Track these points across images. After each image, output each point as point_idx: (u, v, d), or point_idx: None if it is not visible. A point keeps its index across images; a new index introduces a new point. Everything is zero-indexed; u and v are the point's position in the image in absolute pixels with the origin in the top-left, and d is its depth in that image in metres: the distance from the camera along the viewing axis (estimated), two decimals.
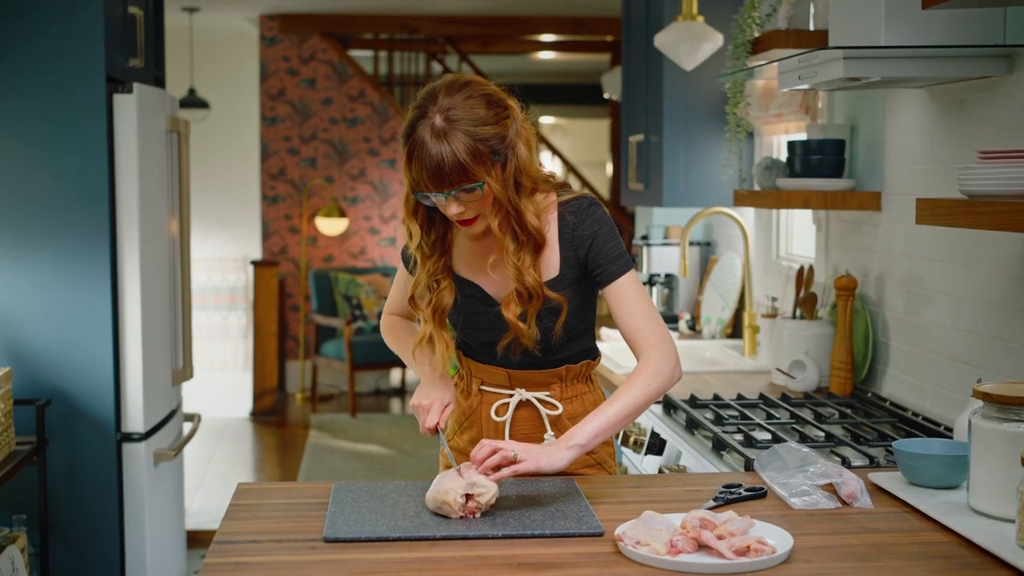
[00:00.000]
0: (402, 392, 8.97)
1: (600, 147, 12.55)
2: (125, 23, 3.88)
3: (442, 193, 2.07)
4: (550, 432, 2.29)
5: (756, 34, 3.33)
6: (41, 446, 3.53)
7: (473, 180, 2.06)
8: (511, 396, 2.30)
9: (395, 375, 9.10)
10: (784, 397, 3.12)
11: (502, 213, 2.13)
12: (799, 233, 4.04)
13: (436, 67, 9.69)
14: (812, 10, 3.21)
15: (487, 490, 1.96)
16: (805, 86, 2.77)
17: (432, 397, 2.28)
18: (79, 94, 3.62)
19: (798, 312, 3.41)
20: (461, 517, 1.95)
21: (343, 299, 8.40)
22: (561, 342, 2.24)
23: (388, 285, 8.63)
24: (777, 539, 1.82)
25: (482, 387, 2.33)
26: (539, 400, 2.29)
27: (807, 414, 2.91)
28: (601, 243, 2.18)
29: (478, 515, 1.96)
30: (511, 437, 2.28)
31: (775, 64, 3.03)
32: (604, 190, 12.07)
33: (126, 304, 3.73)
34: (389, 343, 2.47)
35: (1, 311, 3.64)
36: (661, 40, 3.81)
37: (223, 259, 9.93)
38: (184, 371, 4.27)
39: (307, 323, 8.73)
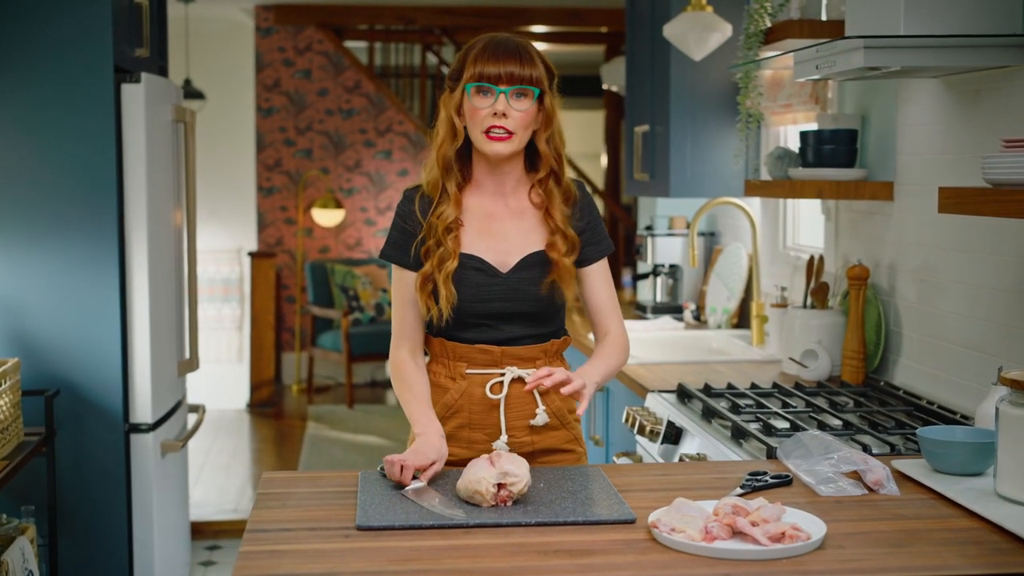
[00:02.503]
0: None
1: (594, 138, 12.55)
2: (131, 12, 3.87)
3: (502, 88, 2.20)
4: (542, 407, 2.29)
5: (768, 24, 3.33)
6: (50, 437, 3.52)
7: (536, 81, 2.22)
8: (502, 374, 2.31)
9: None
10: (798, 386, 3.13)
11: (543, 139, 2.27)
12: (806, 223, 4.05)
13: (432, 59, 9.66)
14: (825, 0, 3.21)
15: (519, 479, 1.97)
16: (820, 76, 2.77)
17: (414, 454, 2.13)
18: (87, 84, 3.61)
19: (809, 301, 3.41)
20: (492, 505, 1.96)
21: (340, 290, 8.39)
22: (554, 303, 2.33)
23: (385, 277, 8.62)
24: (810, 525, 1.83)
25: (468, 371, 2.32)
26: (529, 376, 2.29)
27: (822, 403, 2.92)
28: (596, 222, 2.38)
29: (509, 504, 1.97)
30: (505, 414, 2.29)
31: (788, 54, 3.03)
32: (599, 181, 12.07)
33: (134, 295, 3.72)
34: (396, 390, 2.35)
35: (10, 302, 3.63)
36: (670, 30, 3.81)
37: (217, 251, 9.88)
38: (190, 362, 4.26)
39: (303, 314, 8.71)
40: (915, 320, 3.08)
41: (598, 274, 2.38)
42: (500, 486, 1.96)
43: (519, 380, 2.30)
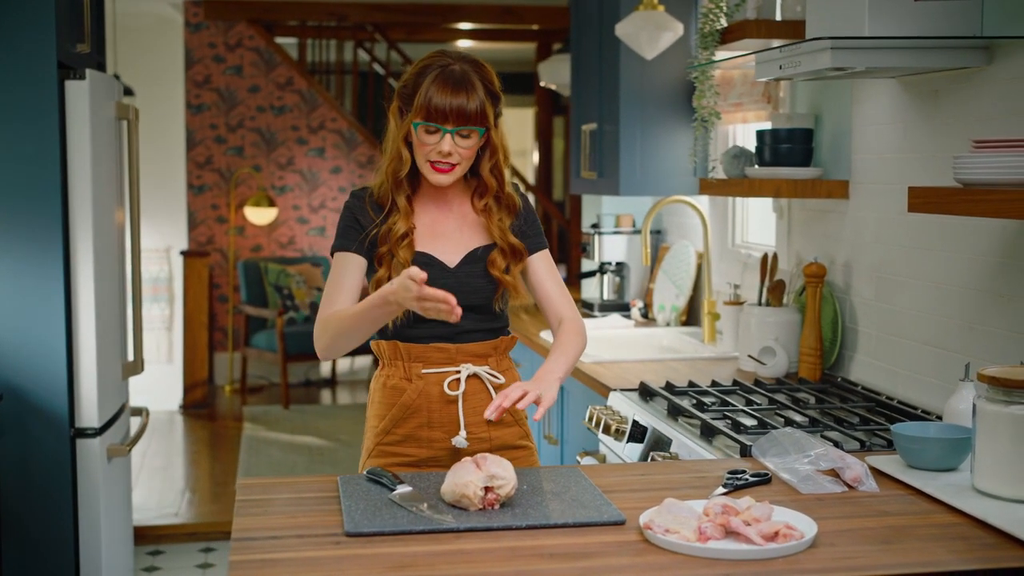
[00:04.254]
0: (332, 383, 8.89)
1: (524, 135, 12.57)
2: (72, 7, 3.77)
3: (447, 128, 2.24)
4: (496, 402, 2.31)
5: (724, 23, 3.35)
6: None
7: (481, 119, 2.26)
8: (458, 372, 2.34)
9: (325, 366, 9.01)
10: (758, 383, 3.16)
11: (487, 167, 2.35)
12: (754, 221, 4.09)
13: (364, 55, 9.59)
14: (780, 0, 3.24)
15: (506, 482, 1.95)
16: (783, 76, 2.79)
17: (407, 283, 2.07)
18: (31, 81, 3.50)
19: (764, 299, 3.44)
20: (480, 509, 1.94)
21: (274, 289, 8.29)
22: (502, 305, 2.41)
23: (319, 275, 8.54)
24: (801, 524, 1.84)
25: (424, 370, 2.34)
26: (484, 372, 2.37)
27: (784, 399, 2.95)
28: (533, 219, 2.46)
29: (497, 507, 1.95)
30: (463, 410, 2.33)
31: (752, 54, 3.05)
32: (530, 177, 12.08)
33: (79, 297, 3.63)
34: (335, 327, 2.25)
35: None
36: (622, 29, 3.82)
37: (145, 250, 9.69)
38: (135, 364, 4.17)
39: (236, 314, 8.59)
40: (872, 317, 3.12)
41: (540, 265, 2.44)
42: (487, 489, 1.95)
43: (474, 376, 2.36)
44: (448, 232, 2.38)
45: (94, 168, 3.63)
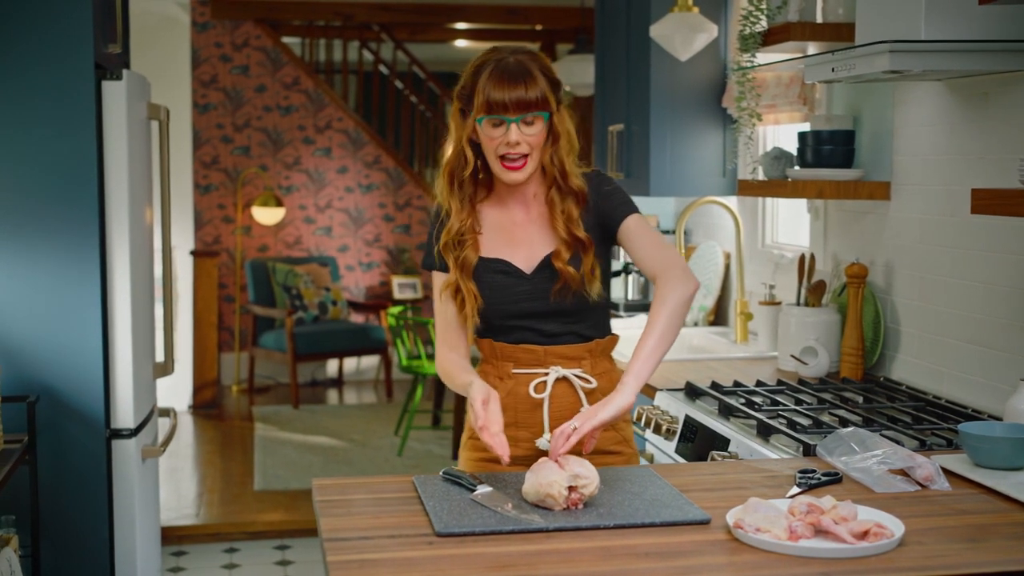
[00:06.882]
0: (339, 383, 8.89)
1: None
2: (105, 7, 3.77)
3: (510, 118, 2.22)
4: (586, 405, 2.32)
5: (765, 25, 3.37)
6: (32, 445, 3.41)
7: (544, 104, 2.24)
8: (547, 374, 2.34)
9: (332, 365, 9.01)
10: (802, 382, 3.18)
11: (547, 154, 2.29)
12: (784, 221, 4.11)
13: (368, 55, 9.58)
14: (820, 2, 3.26)
15: (590, 481, 1.97)
16: (836, 79, 2.80)
17: (482, 418, 2.18)
18: (69, 82, 3.50)
19: (803, 299, 3.46)
20: (564, 508, 1.96)
21: (282, 289, 8.29)
22: (587, 302, 2.32)
23: (327, 275, 8.54)
24: (888, 523, 1.86)
25: (515, 370, 2.35)
26: (574, 375, 2.34)
27: (832, 399, 2.97)
28: (607, 195, 2.35)
29: (580, 506, 1.97)
30: (549, 413, 2.32)
31: (788, 56, 3.07)
32: None
33: (115, 298, 3.63)
34: (444, 373, 2.40)
35: None
36: (657, 31, 3.84)
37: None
38: (165, 365, 4.17)
39: (243, 314, 8.58)
40: (914, 317, 3.14)
41: (625, 235, 2.33)
42: (571, 488, 1.96)
43: (564, 380, 2.33)
44: (523, 238, 2.36)
45: (130, 169, 3.63)
